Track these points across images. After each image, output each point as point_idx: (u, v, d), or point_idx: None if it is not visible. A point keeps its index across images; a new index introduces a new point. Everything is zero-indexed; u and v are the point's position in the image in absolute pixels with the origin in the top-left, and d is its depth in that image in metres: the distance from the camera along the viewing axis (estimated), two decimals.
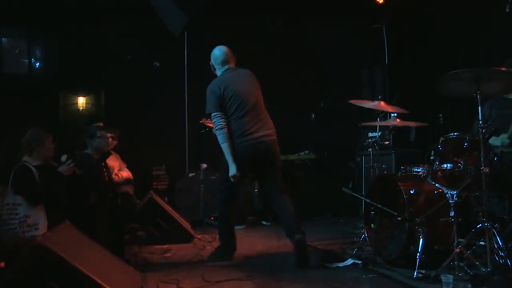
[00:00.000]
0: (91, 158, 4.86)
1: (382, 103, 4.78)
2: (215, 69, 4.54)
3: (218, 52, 4.51)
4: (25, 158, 4.23)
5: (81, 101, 7.10)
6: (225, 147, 4.17)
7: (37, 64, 6.86)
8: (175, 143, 7.18)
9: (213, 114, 4.25)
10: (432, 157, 4.24)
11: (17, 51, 6.63)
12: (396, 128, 5.54)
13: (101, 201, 4.82)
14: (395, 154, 5.70)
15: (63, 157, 5.49)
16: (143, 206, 5.45)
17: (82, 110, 7.06)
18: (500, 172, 3.67)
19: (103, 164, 5.49)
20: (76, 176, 4.40)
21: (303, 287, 3.56)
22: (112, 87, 7.00)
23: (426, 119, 6.40)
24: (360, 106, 7.18)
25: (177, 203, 6.74)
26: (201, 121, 6.15)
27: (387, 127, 5.76)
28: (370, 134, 6.23)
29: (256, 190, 6.82)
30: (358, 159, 6.71)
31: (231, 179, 4.16)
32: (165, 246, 5.13)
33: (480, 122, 3.47)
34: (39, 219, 4.01)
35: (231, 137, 4.19)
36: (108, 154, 5.62)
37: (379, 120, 4.96)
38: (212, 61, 4.53)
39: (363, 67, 7.41)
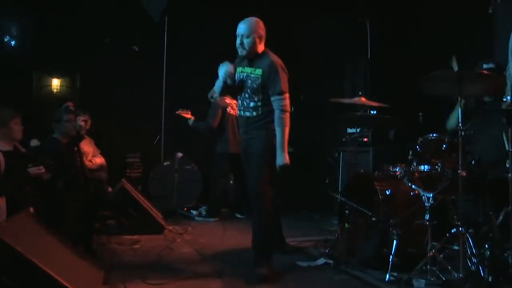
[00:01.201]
0: (59, 143, 4.66)
1: (363, 98, 4.69)
2: (260, 42, 3.86)
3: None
4: None
5: (55, 83, 6.87)
6: (287, 132, 3.84)
7: (11, 43, 6.63)
8: (151, 130, 6.99)
9: (286, 95, 3.85)
10: (410, 157, 4.18)
11: None
12: (376, 126, 5.43)
13: (69, 187, 4.65)
14: (373, 151, 5.61)
15: (33, 142, 5.32)
16: (114, 195, 5.29)
17: (56, 92, 6.83)
18: (477, 175, 3.59)
19: (75, 148, 5.33)
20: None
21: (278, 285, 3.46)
22: (88, 70, 6.75)
23: (406, 116, 6.37)
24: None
25: (151, 191, 6.59)
26: (177, 112, 6.02)
27: (366, 124, 5.66)
28: (349, 130, 6.12)
29: (231, 182, 6.70)
30: (336, 154, 6.61)
31: (280, 168, 3.79)
32: (135, 236, 4.98)
33: (460, 125, 3.39)
34: None
35: None
36: (81, 138, 5.44)
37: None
38: (262, 33, 3.87)
39: (346, 61, 7.30)
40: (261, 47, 3.86)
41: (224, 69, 3.96)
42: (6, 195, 3.90)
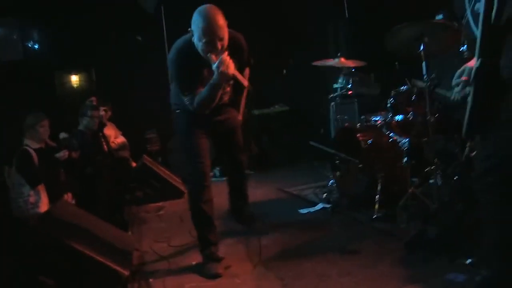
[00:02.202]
0: (84, 135, 4.75)
1: (342, 59, 4.64)
2: None
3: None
4: (26, 141, 4.15)
5: (74, 79, 6.91)
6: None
7: (31, 49, 6.66)
8: (164, 108, 6.98)
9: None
10: (388, 105, 4.18)
11: (13, 38, 6.42)
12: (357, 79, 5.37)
13: (98, 172, 4.77)
14: (358, 102, 5.58)
15: (61, 135, 5.41)
16: (137, 170, 5.39)
17: (76, 87, 6.88)
18: (445, 116, 3.58)
19: (101, 134, 5.42)
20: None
21: (279, 233, 3.55)
22: (101, 64, 6.76)
23: (384, 67, 6.29)
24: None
25: (170, 161, 6.67)
26: None
27: (349, 78, 5.59)
28: (335, 85, 6.06)
29: None
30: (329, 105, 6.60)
31: None
32: (159, 203, 5.09)
33: (425, 76, 3.36)
34: (40, 198, 3.98)
35: None
36: (103, 126, 5.54)
37: (343, 75, 4.80)
38: None
39: (328, 23, 7.17)
40: None
41: None
42: (45, 183, 4.04)
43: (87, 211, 3.44)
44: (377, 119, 4.21)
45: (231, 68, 2.71)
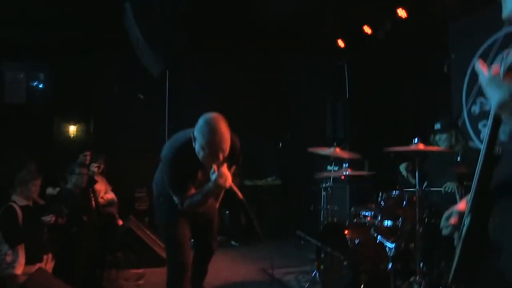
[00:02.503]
0: (72, 193, 4.72)
1: (337, 149, 4.70)
2: None
3: None
4: (14, 197, 4.10)
5: (72, 129, 6.97)
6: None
7: (33, 94, 6.73)
8: (155, 168, 7.02)
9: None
10: (379, 199, 4.22)
11: (17, 81, 6.53)
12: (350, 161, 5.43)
13: (82, 232, 4.71)
14: (350, 187, 5.64)
15: (48, 190, 5.39)
16: (121, 234, 5.33)
17: (73, 137, 6.92)
18: (434, 223, 3.62)
19: (90, 190, 5.39)
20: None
21: None
22: (100, 115, 6.87)
23: (379, 151, 6.39)
24: (323, 137, 7.19)
25: (157, 222, 6.60)
26: None
27: (342, 161, 5.67)
28: (329, 167, 6.14)
29: (227, 212, 6.73)
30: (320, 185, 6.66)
31: None
32: (140, 270, 5.00)
33: (417, 185, 3.44)
34: (17, 258, 3.89)
35: None
36: (94, 182, 5.52)
37: (333, 169, 4.86)
38: None
39: (328, 100, 7.37)
40: None
41: None
42: (25, 243, 3.97)
43: (63, 281, 3.38)
44: (366, 214, 4.23)
45: (229, 181, 2.74)
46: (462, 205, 1.87)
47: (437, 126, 4.04)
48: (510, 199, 1.60)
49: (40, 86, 6.76)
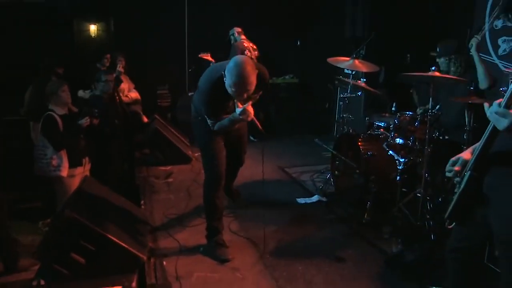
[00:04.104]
0: (101, 100, 5.04)
1: (357, 61, 4.87)
2: None
3: None
4: (51, 107, 4.43)
5: (93, 28, 7.03)
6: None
7: None
8: (177, 65, 7.24)
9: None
10: (393, 109, 4.53)
11: None
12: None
13: (114, 132, 5.13)
14: (365, 96, 5.88)
15: (80, 93, 5.72)
16: (149, 135, 5.75)
17: (94, 36, 7.02)
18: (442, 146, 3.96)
19: (115, 92, 5.71)
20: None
21: (277, 226, 4.05)
22: (120, 15, 6.89)
23: (396, 58, 6.50)
24: (342, 37, 7.21)
25: (178, 118, 7.04)
26: (199, 55, 6.20)
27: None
28: (346, 71, 6.30)
29: None
30: (336, 82, 6.86)
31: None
32: (168, 167, 5.55)
33: (430, 110, 3.70)
34: (62, 162, 4.34)
35: None
36: (120, 82, 5.84)
37: (351, 78, 5.04)
38: None
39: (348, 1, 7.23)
40: None
41: None
42: (67, 148, 4.43)
43: (107, 187, 3.88)
44: (380, 124, 4.55)
45: (251, 117, 3.21)
46: (466, 154, 2.22)
47: (438, 49, 4.16)
48: (501, 165, 1.99)
49: None
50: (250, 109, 3.18)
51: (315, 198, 4.66)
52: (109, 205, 3.61)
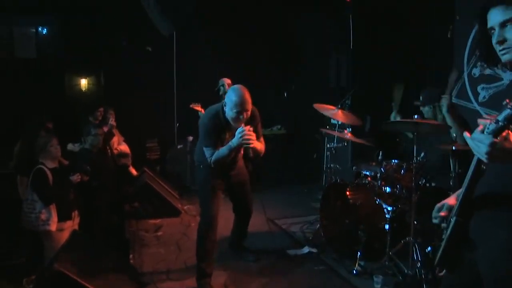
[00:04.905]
0: (90, 153, 5.08)
1: (340, 112, 5.00)
2: None
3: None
4: (41, 160, 4.45)
5: (83, 82, 7.19)
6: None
7: (44, 49, 6.92)
8: (166, 118, 7.35)
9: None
10: (380, 157, 4.63)
11: (28, 36, 6.71)
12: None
13: (102, 186, 5.13)
14: (352, 146, 6.01)
15: (69, 146, 5.76)
16: (139, 188, 5.76)
17: (84, 90, 7.17)
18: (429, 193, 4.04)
19: (107, 146, 5.77)
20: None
21: (267, 278, 4.01)
22: (110, 69, 7.04)
23: (381, 107, 6.67)
24: (327, 87, 7.43)
25: (168, 170, 7.08)
26: (190, 106, 6.29)
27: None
28: (332, 121, 6.47)
29: None
30: (323, 132, 7.00)
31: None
32: (158, 220, 5.52)
33: (415, 154, 3.80)
34: (50, 216, 4.30)
35: None
36: (112, 136, 5.90)
37: (337, 129, 5.18)
38: None
39: (332, 52, 7.52)
40: None
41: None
42: (56, 202, 4.41)
43: (96, 240, 3.86)
44: (367, 173, 4.63)
45: (252, 139, 3.51)
46: (451, 200, 2.28)
47: (421, 98, 4.35)
48: (485, 208, 2.03)
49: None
50: (252, 133, 3.47)
51: (305, 249, 4.65)
52: (97, 260, 3.57)
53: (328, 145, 5.44)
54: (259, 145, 3.82)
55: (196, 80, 7.07)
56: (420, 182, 3.95)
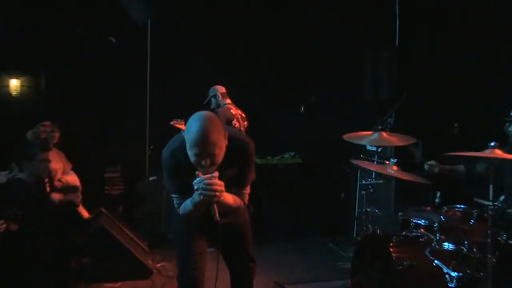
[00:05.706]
0: (24, 186, 4.92)
1: (384, 134, 4.85)
2: None
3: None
4: None
5: (15, 83, 7.07)
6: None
7: None
8: (134, 138, 7.22)
9: None
10: (437, 200, 4.46)
11: None
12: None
13: (37, 234, 4.95)
14: (396, 182, 5.85)
15: None
16: (92, 235, 5.58)
17: (16, 94, 7.05)
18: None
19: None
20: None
21: None
22: (56, 68, 6.96)
23: (437, 126, 6.54)
24: (357, 101, 7.34)
25: (134, 212, 6.92)
26: (171, 123, 6.18)
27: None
28: (369, 148, 6.33)
29: None
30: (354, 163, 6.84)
31: None
32: (118, 284, 5.32)
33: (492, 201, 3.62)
34: None
35: None
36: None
37: (376, 159, 5.05)
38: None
39: (365, 50, 7.43)
40: None
41: None
42: None
43: None
44: (419, 222, 4.46)
45: (218, 193, 3.10)
46: None
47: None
48: None
49: None
50: (218, 182, 3.11)
51: None
52: None
53: (362, 181, 5.35)
54: (231, 199, 3.37)
55: (179, 88, 6.97)
56: (499, 238, 3.79)
